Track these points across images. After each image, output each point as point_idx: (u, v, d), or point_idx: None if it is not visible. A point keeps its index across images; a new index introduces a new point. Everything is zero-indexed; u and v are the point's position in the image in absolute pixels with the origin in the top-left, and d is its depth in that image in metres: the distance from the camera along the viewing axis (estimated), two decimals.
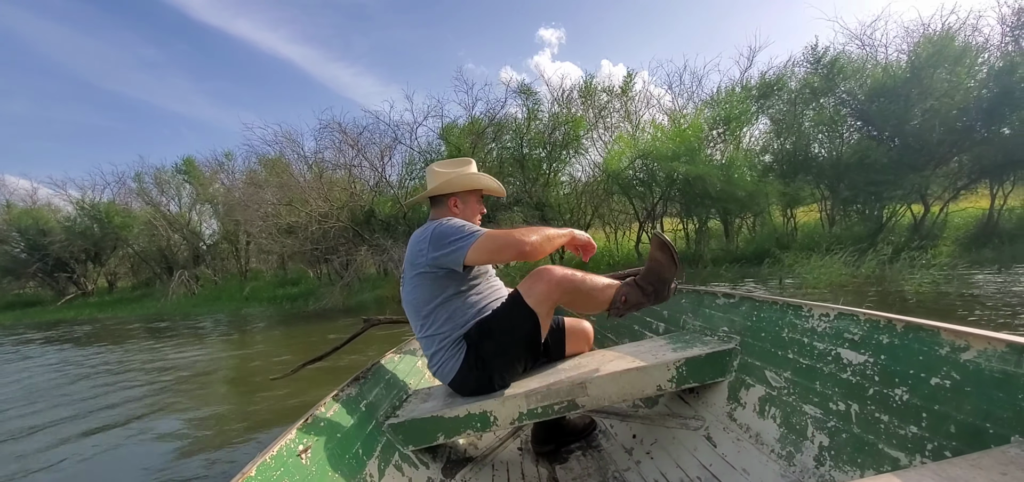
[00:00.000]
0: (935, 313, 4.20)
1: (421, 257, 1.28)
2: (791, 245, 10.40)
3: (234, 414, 3.20)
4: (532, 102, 10.32)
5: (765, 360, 1.20)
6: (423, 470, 1.25)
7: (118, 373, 4.91)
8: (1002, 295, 4.70)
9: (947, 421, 0.75)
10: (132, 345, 7.07)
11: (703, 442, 1.24)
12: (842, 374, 0.97)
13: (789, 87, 10.30)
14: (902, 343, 0.87)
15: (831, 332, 1.04)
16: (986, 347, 0.73)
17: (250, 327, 8.24)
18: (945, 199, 9.41)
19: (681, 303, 1.74)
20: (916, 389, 0.81)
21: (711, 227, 11.97)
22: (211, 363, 5.16)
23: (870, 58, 9.92)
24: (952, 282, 5.62)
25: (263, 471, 0.83)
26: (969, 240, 9.22)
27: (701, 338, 1.44)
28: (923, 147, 8.66)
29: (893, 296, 5.21)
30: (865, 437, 0.88)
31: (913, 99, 8.58)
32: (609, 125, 12.28)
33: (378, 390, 1.40)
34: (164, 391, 4.04)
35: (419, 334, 1.35)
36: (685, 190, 9.27)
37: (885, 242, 9.13)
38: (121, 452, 2.64)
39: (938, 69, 8.51)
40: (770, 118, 10.92)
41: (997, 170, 8.76)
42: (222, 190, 14.19)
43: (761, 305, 1.31)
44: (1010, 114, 8.21)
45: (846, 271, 6.30)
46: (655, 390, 1.26)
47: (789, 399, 1.08)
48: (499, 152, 10.58)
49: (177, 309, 12.41)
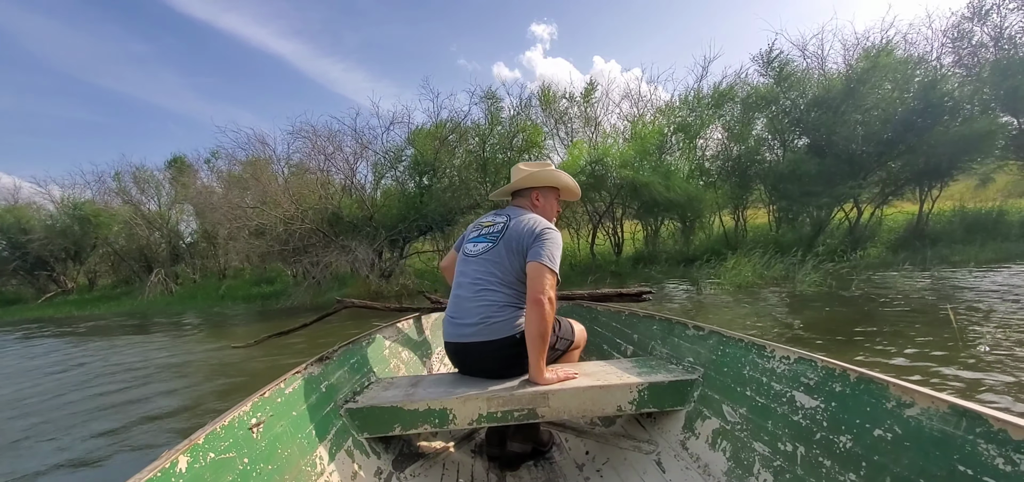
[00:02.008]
0: (811, 307, 4.75)
1: (529, 238, 1.44)
2: (740, 246, 11.04)
3: (174, 410, 3.65)
4: (494, 107, 10.81)
5: (724, 394, 1.22)
6: (374, 459, 1.24)
7: (66, 369, 5.34)
8: (878, 293, 5.26)
9: (884, 472, 0.78)
10: (95, 341, 7.47)
11: (653, 467, 1.26)
12: (794, 416, 0.99)
13: (738, 95, 10.87)
14: (853, 393, 0.89)
15: (789, 374, 1.06)
16: (929, 406, 0.75)
17: (215, 323, 8.65)
18: (875, 204, 10.05)
19: (652, 329, 1.77)
20: (859, 438, 0.84)
21: (671, 229, 12.55)
22: (165, 356, 5.60)
23: (811, 70, 10.52)
24: (849, 283, 6.20)
25: (211, 440, 0.83)
26: (898, 242, 9.88)
27: (666, 365, 1.47)
28: (853, 156, 9.27)
29: (787, 294, 5.77)
30: (807, 479, 0.90)
31: (846, 110, 9.18)
32: (573, 130, 12.83)
33: (341, 373, 1.39)
34: (100, 380, 4.48)
35: (502, 288, 1.43)
36: (632, 195, 9.81)
37: (822, 244, 9.79)
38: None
39: (869, 83, 9.11)
40: (723, 126, 11.50)
41: (921, 177, 9.39)
42: (200, 190, 14.52)
43: (727, 341, 1.32)
44: (932, 125, 8.83)
45: (755, 273, 6.86)
46: (615, 410, 1.28)
47: (741, 435, 1.10)
48: (464, 156, 11.05)
49: (153, 307, 12.77)
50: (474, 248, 1.53)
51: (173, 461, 0.74)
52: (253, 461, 0.89)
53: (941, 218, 10.52)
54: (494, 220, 1.57)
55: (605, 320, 2.23)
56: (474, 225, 1.65)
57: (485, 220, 1.61)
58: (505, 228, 1.49)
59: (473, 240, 1.57)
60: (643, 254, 12.21)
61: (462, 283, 1.51)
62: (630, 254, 12.53)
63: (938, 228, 10.07)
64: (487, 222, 1.59)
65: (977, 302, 4.43)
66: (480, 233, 1.57)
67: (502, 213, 1.58)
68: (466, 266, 1.53)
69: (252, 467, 0.88)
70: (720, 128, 11.24)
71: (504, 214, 1.56)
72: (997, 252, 7.86)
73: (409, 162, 10.76)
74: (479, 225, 1.62)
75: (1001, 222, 9.72)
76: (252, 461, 0.89)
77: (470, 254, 1.53)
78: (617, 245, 12.35)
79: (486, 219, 1.61)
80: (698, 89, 11.51)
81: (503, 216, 1.56)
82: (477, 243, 1.54)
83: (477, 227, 1.62)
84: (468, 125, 10.77)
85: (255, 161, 11.93)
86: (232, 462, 0.85)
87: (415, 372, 1.97)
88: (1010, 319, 3.64)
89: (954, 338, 3.16)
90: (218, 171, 14.87)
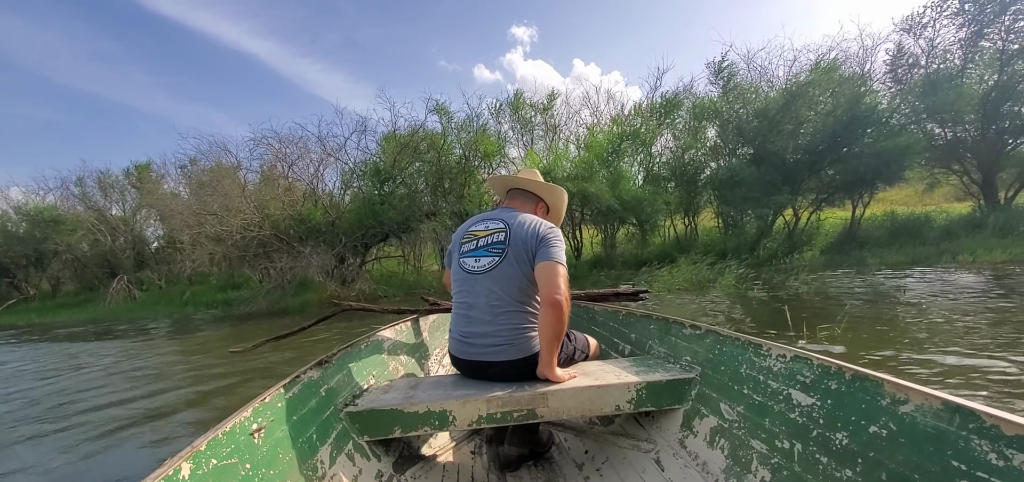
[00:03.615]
0: (720, 304, 5.19)
1: (533, 241, 1.39)
2: (692, 249, 11.58)
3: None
4: (446, 119, 11.16)
5: (721, 393, 1.23)
6: (374, 462, 1.25)
7: None
8: (782, 293, 5.74)
9: (880, 469, 0.79)
10: (49, 347, 7.55)
11: (652, 465, 1.26)
12: (791, 414, 1.00)
13: (686, 104, 11.42)
14: (848, 390, 0.90)
15: (785, 372, 1.07)
16: (923, 402, 0.76)
17: (178, 329, 8.78)
18: (811, 210, 10.68)
19: (649, 328, 1.77)
20: (855, 435, 0.85)
21: (629, 233, 13.05)
22: (127, 363, 5.77)
23: (756, 83, 11.12)
24: (770, 284, 6.69)
25: (214, 446, 0.83)
26: (832, 246, 10.53)
27: (664, 364, 1.48)
28: (787, 165, 9.87)
29: (709, 292, 6.24)
30: (804, 476, 0.91)
31: (782, 122, 9.77)
32: (534, 138, 13.25)
33: (340, 376, 1.40)
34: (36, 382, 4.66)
35: (520, 305, 1.38)
36: (584, 202, 10.25)
37: (763, 248, 10.37)
38: None
39: (803, 97, 9.71)
40: (673, 134, 12.06)
41: (851, 186, 10.03)
42: (162, 196, 14.52)
43: (724, 339, 1.33)
44: (860, 138, 9.47)
45: (687, 278, 7.33)
46: (613, 409, 1.29)
47: (739, 433, 1.11)
48: (421, 166, 11.36)
49: (115, 314, 12.74)
50: (476, 263, 1.43)
51: (176, 468, 0.74)
52: (255, 466, 0.90)
53: (873, 223, 11.22)
54: (488, 227, 1.47)
55: (602, 319, 2.26)
56: (465, 233, 1.53)
57: (477, 228, 1.50)
58: (507, 237, 1.42)
59: (472, 254, 1.46)
60: (600, 258, 12.69)
61: (474, 305, 1.41)
62: (589, 258, 12.99)
63: (868, 233, 10.76)
64: (481, 231, 1.48)
65: (863, 300, 4.93)
66: (478, 245, 1.46)
67: (494, 217, 1.50)
68: (473, 284, 1.42)
69: (254, 472, 0.89)
70: (670, 136, 11.76)
71: (498, 219, 1.48)
72: (909, 256, 8.49)
73: (370, 169, 11.02)
74: (472, 235, 1.50)
75: (926, 227, 10.43)
76: (254, 466, 0.90)
77: (474, 270, 1.43)
78: (576, 249, 12.78)
79: (477, 227, 1.50)
80: (652, 99, 12.07)
81: (497, 221, 1.47)
82: (479, 257, 1.44)
83: (470, 238, 1.49)
84: (422, 135, 11.08)
85: (218, 167, 12.03)
86: (234, 468, 0.85)
87: (414, 374, 1.98)
88: (863, 315, 4.11)
89: (793, 330, 3.62)
90: (186, 176, 14.89)
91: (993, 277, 6.06)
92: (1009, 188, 10.91)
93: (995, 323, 3.56)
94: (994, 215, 9.83)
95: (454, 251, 1.54)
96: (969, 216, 10.64)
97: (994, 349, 2.86)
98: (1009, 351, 2.78)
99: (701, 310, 5.20)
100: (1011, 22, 9.31)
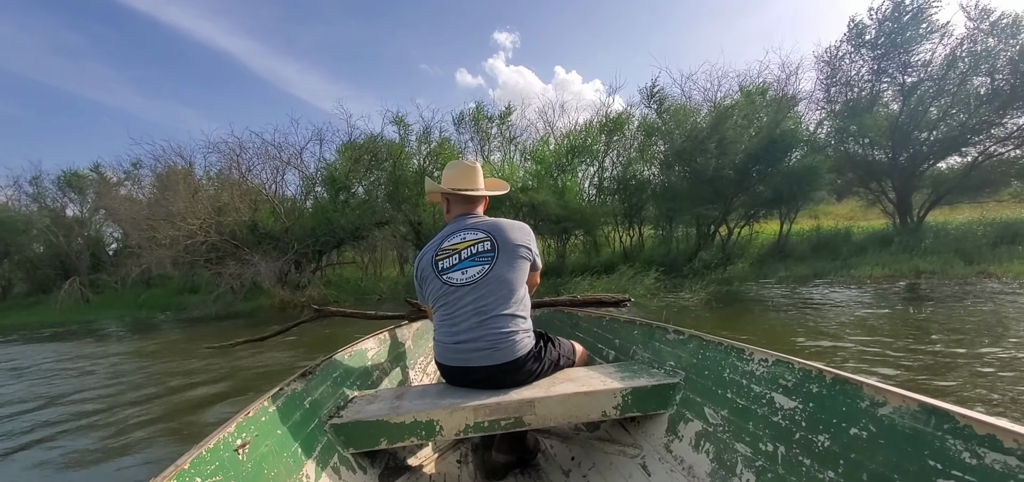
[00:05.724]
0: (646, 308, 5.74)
1: (526, 242, 1.45)
2: (636, 259, 12.22)
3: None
4: (403, 130, 11.59)
5: (705, 397, 1.24)
6: (360, 474, 1.24)
7: None
8: (696, 301, 6.33)
9: (860, 469, 0.81)
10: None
11: (639, 470, 1.28)
12: (774, 417, 1.02)
13: (629, 124, 12.12)
14: (829, 394, 0.93)
15: (768, 376, 1.09)
16: (901, 404, 0.79)
17: (123, 334, 8.91)
18: (740, 225, 11.47)
19: (633, 334, 1.79)
20: (837, 437, 0.87)
21: (580, 243, 13.65)
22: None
23: (686, 105, 11.90)
24: (695, 294, 7.30)
25: (198, 464, 0.82)
26: (761, 258, 11.31)
27: (648, 370, 1.49)
28: (714, 182, 10.60)
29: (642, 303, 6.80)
30: (788, 478, 0.93)
31: (707, 142, 10.50)
32: (490, 148, 13.79)
33: (324, 388, 1.39)
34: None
35: (506, 311, 1.39)
36: (532, 213, 10.79)
37: (699, 259, 11.06)
38: None
39: (727, 120, 10.46)
40: (619, 149, 12.75)
41: (775, 203, 10.83)
42: (117, 198, 14.48)
43: (707, 344, 1.35)
44: (780, 158, 10.27)
45: (618, 287, 7.91)
46: (600, 415, 1.30)
47: (724, 436, 1.13)
48: (379, 174, 11.74)
49: (65, 317, 12.65)
50: (463, 275, 1.42)
51: None
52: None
53: (800, 237, 12.08)
54: (466, 239, 1.47)
55: (586, 325, 2.27)
56: (439, 250, 1.50)
57: (455, 242, 1.48)
58: (495, 245, 1.44)
59: (457, 267, 1.44)
60: (552, 266, 13.23)
61: (460, 313, 1.40)
62: (542, 267, 13.51)
63: (794, 246, 11.60)
64: (459, 243, 1.47)
65: (740, 304, 5.54)
66: (461, 259, 1.44)
67: (470, 228, 1.50)
68: (459, 295, 1.40)
69: None
70: (614, 152, 12.44)
71: (476, 230, 1.48)
72: (812, 269, 9.27)
73: (325, 178, 11.34)
74: (450, 250, 1.47)
75: (845, 241, 11.31)
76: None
77: (461, 282, 1.41)
78: None
79: (455, 240, 1.48)
80: (606, 115, 12.74)
81: (475, 232, 1.48)
82: (466, 269, 1.42)
83: (448, 253, 1.47)
84: (381, 143, 11.47)
85: (172, 170, 12.14)
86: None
87: (399, 383, 1.97)
88: (735, 321, 4.70)
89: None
90: (137, 180, 14.90)
91: (874, 292, 6.78)
92: (920, 207, 11.90)
93: (811, 331, 4.19)
94: (900, 234, 10.77)
95: (428, 273, 1.49)
96: (882, 232, 11.59)
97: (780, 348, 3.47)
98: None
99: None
100: (906, 57, 10.28)
